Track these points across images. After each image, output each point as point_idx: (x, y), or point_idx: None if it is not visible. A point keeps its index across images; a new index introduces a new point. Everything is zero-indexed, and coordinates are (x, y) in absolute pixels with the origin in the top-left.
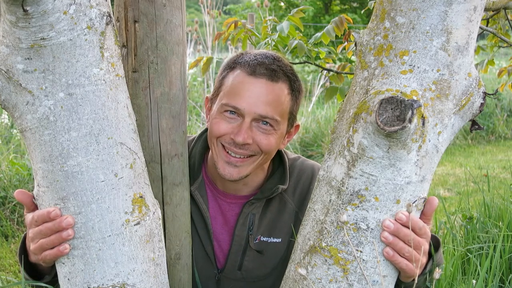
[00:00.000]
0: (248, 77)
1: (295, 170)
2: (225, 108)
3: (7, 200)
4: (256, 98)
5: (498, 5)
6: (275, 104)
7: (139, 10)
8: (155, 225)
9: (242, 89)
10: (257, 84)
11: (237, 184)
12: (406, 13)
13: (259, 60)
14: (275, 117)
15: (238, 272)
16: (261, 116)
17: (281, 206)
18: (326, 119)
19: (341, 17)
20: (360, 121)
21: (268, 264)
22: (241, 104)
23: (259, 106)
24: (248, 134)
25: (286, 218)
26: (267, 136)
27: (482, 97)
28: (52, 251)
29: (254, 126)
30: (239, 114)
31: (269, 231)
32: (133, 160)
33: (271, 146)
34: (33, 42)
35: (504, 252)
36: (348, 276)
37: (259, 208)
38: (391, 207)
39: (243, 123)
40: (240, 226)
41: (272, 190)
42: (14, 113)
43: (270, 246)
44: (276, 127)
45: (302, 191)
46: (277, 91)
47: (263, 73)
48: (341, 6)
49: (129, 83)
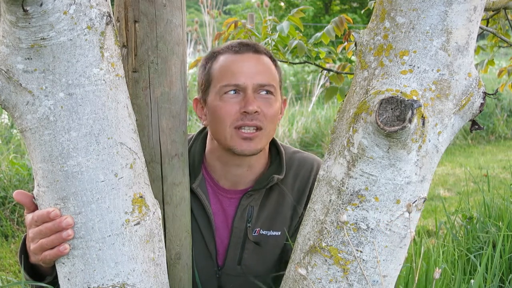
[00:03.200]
0: (234, 55)
1: (294, 162)
2: (225, 89)
3: (7, 200)
4: (250, 70)
5: (498, 5)
6: (268, 72)
7: (139, 10)
8: (155, 225)
9: (234, 66)
10: (245, 58)
11: (243, 167)
12: (406, 13)
13: (237, 41)
14: (271, 83)
15: (238, 267)
16: (260, 86)
17: (280, 198)
18: (326, 119)
19: (341, 17)
20: (360, 121)
21: (267, 258)
22: (240, 79)
23: (255, 77)
24: (255, 102)
25: (285, 211)
26: (270, 104)
27: (482, 97)
28: (52, 251)
29: (257, 97)
30: (240, 90)
31: (269, 224)
32: (133, 160)
33: (274, 114)
34: (33, 42)
35: (504, 252)
36: (348, 276)
37: (257, 200)
38: (391, 207)
39: (246, 94)
40: (239, 219)
41: (268, 180)
42: (14, 113)
43: (270, 239)
44: (275, 93)
45: (301, 184)
46: (264, 60)
47: (246, 48)
48: (341, 6)
49: (129, 83)
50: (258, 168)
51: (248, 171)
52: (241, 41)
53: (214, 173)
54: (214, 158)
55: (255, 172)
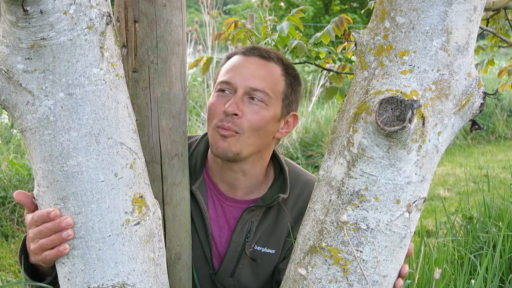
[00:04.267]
0: (240, 56)
1: (298, 184)
2: (218, 87)
3: (7, 200)
4: (247, 72)
5: (498, 5)
6: (267, 79)
7: (139, 10)
8: (155, 225)
9: (234, 66)
10: (248, 61)
11: (235, 172)
12: (406, 13)
13: (250, 46)
14: (265, 90)
15: (230, 279)
16: (251, 89)
17: (278, 217)
18: (326, 119)
19: (341, 17)
20: (360, 121)
21: (260, 274)
22: (233, 78)
23: (250, 80)
24: (238, 105)
25: (282, 230)
26: (256, 111)
27: (482, 97)
28: (52, 251)
29: (246, 101)
30: (232, 90)
31: (264, 241)
32: (133, 160)
33: (259, 122)
34: (33, 42)
35: (504, 252)
36: (348, 276)
37: (257, 216)
38: (391, 207)
39: (235, 96)
40: (238, 233)
41: (273, 198)
42: (14, 113)
43: (264, 256)
44: (267, 102)
45: (301, 208)
46: (268, 68)
47: (254, 52)
48: (341, 6)
49: (129, 83)
50: (255, 176)
51: (243, 177)
52: (254, 46)
53: (214, 176)
54: (213, 161)
55: (252, 179)
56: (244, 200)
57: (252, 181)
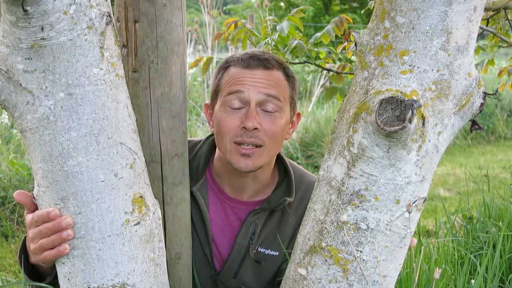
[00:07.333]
0: (244, 70)
1: (302, 186)
2: (229, 100)
3: (7, 200)
4: (257, 83)
5: (498, 5)
6: (276, 87)
7: (139, 10)
8: (155, 225)
9: (242, 78)
10: (254, 74)
11: (246, 178)
12: (406, 13)
13: (250, 54)
14: (278, 97)
15: (233, 280)
16: (266, 95)
17: (282, 219)
18: (326, 119)
19: (341, 17)
20: (360, 121)
21: (263, 276)
22: (244, 87)
23: (261, 88)
24: (256, 118)
25: (286, 232)
26: (273, 121)
27: (482, 97)
28: (52, 251)
29: (260, 112)
30: (244, 103)
31: (268, 243)
32: (133, 160)
33: (277, 132)
34: (33, 42)
35: (504, 252)
36: (348, 276)
37: (262, 218)
38: (391, 207)
39: (249, 109)
40: (243, 235)
41: (280, 201)
42: (14, 113)
43: (267, 258)
44: (280, 110)
45: (305, 210)
46: (274, 77)
47: (257, 64)
48: (341, 6)
49: (129, 83)
50: (263, 179)
51: (252, 181)
52: (253, 54)
53: (219, 179)
54: (220, 165)
55: (260, 182)
56: (250, 202)
57: (259, 185)
